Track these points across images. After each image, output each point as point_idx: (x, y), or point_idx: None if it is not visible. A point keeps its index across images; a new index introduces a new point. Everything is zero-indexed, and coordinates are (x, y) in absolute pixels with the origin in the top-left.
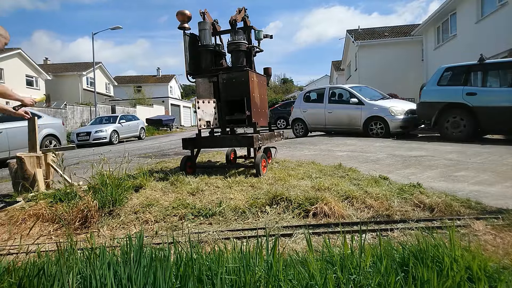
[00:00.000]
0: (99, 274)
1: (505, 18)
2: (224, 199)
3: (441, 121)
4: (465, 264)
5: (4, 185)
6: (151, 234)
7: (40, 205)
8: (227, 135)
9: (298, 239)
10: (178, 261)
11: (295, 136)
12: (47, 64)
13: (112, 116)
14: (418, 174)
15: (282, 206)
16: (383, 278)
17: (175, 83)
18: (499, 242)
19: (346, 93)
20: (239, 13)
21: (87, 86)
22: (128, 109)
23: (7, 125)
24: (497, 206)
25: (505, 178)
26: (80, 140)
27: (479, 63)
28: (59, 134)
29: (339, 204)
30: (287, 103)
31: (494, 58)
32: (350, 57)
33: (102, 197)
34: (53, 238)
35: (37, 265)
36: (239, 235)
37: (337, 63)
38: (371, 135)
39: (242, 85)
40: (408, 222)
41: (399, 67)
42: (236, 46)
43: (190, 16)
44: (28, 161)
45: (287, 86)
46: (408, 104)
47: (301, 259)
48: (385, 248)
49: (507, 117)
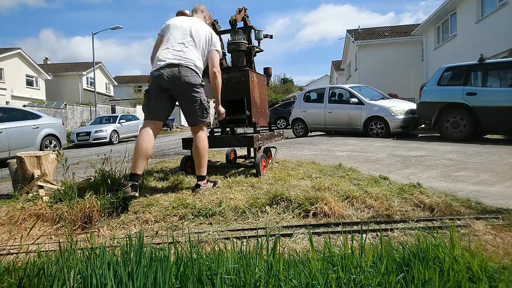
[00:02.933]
0: (99, 274)
1: (505, 18)
2: (224, 199)
3: (441, 121)
4: (465, 264)
5: (4, 185)
6: (151, 234)
7: (40, 205)
8: (227, 135)
9: (298, 239)
10: (178, 261)
11: (295, 136)
12: (47, 64)
13: (112, 116)
14: (418, 174)
15: (282, 206)
16: (384, 278)
17: None
18: (499, 242)
19: (346, 93)
20: (239, 13)
21: (87, 86)
22: (128, 109)
23: (7, 125)
24: (497, 206)
25: (505, 178)
26: (80, 140)
27: (479, 63)
28: (59, 134)
29: (339, 204)
30: (287, 103)
31: (494, 58)
32: (350, 57)
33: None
34: (53, 238)
35: (37, 265)
36: (239, 235)
37: (337, 63)
38: (371, 135)
39: (242, 85)
40: (408, 222)
41: (399, 67)
42: (236, 46)
43: (190, 16)
44: (28, 161)
45: (287, 86)
46: (408, 104)
47: (302, 259)
48: (386, 248)
49: (507, 117)
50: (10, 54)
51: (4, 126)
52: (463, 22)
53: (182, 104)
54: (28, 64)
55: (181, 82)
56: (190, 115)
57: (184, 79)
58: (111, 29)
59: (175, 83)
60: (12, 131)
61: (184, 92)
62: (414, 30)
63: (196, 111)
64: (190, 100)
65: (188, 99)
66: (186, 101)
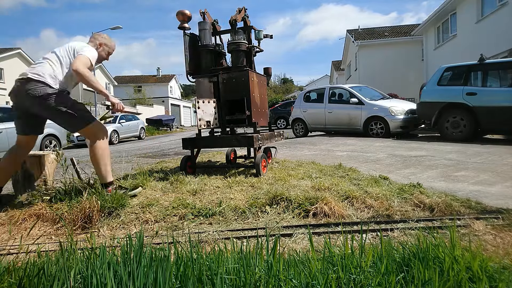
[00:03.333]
0: (99, 274)
1: (505, 18)
2: (224, 199)
3: (441, 121)
4: (465, 264)
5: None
6: (151, 234)
7: (40, 205)
8: (227, 135)
9: (298, 239)
10: (178, 261)
11: (295, 136)
12: None
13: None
14: (418, 174)
15: (282, 206)
16: (384, 278)
17: (175, 83)
18: (499, 242)
19: (346, 93)
20: (239, 13)
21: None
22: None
23: (7, 125)
24: (497, 206)
25: (505, 178)
26: (80, 140)
27: (479, 63)
28: (59, 134)
29: (339, 204)
30: (287, 103)
31: (494, 58)
32: (350, 57)
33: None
34: (53, 238)
35: (37, 265)
36: (239, 235)
37: (337, 63)
38: (371, 135)
39: (242, 85)
40: (408, 222)
41: (399, 67)
42: (236, 46)
43: (190, 16)
44: (28, 161)
45: (287, 86)
46: (408, 104)
47: (302, 259)
48: (386, 248)
49: (507, 117)
50: (10, 54)
51: (4, 126)
52: (463, 22)
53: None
54: (28, 64)
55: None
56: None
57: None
58: (111, 29)
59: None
60: (12, 131)
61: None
62: (414, 30)
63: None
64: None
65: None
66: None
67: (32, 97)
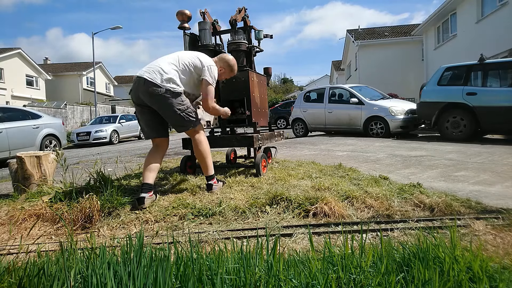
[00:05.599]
0: (99, 274)
1: (505, 18)
2: (224, 199)
3: (441, 121)
4: (466, 264)
5: (4, 185)
6: (151, 234)
7: (40, 205)
8: (227, 135)
9: (298, 239)
10: (178, 261)
11: (295, 136)
12: (47, 64)
13: (112, 116)
14: (418, 174)
15: (282, 206)
16: (384, 278)
17: None
18: (499, 242)
19: (346, 93)
20: (239, 12)
21: (87, 86)
22: (128, 109)
23: (7, 125)
24: (497, 206)
25: (505, 178)
26: (80, 140)
27: (479, 63)
28: (59, 134)
29: (339, 204)
30: (287, 103)
31: (494, 58)
32: (350, 57)
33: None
34: (53, 238)
35: (37, 265)
36: (239, 235)
37: (337, 63)
38: (371, 135)
39: (242, 85)
40: (408, 222)
41: (399, 67)
42: (236, 46)
43: (190, 16)
44: (28, 161)
45: (287, 86)
46: (408, 104)
47: (302, 258)
48: (386, 248)
49: (507, 117)
50: (10, 54)
51: (4, 126)
52: (463, 22)
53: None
54: (28, 64)
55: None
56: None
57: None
58: (111, 29)
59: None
60: (12, 131)
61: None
62: (414, 30)
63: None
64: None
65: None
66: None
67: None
